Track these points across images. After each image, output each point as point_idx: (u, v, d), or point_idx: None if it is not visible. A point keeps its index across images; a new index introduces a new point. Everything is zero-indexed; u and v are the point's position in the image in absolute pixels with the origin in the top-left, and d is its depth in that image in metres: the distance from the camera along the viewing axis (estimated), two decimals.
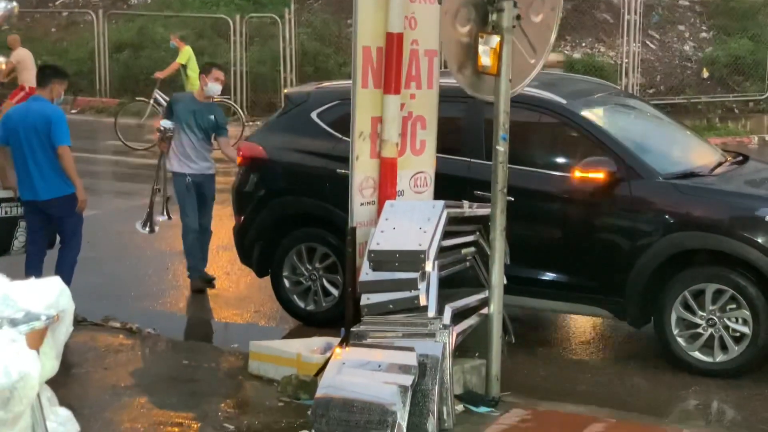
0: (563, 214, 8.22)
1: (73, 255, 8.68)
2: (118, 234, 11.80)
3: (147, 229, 10.21)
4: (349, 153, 8.14)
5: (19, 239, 8.77)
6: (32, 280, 2.86)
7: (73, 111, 23.34)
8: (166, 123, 10.03)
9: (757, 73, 21.10)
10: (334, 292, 8.80)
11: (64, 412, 3.03)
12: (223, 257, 10.91)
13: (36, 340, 2.66)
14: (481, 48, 6.45)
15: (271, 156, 9.18)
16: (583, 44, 21.84)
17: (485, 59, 6.45)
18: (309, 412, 6.38)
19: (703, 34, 22.53)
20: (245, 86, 22.77)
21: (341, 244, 8.46)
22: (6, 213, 8.73)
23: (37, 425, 2.65)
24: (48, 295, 2.76)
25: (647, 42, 21.74)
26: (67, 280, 7.84)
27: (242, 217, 9.36)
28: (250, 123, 21.76)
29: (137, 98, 20.87)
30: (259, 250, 9.20)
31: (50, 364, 2.87)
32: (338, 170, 8.54)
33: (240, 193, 9.40)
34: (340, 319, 8.28)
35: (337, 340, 7.26)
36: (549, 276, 8.19)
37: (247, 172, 9.35)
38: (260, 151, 9.27)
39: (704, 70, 21.44)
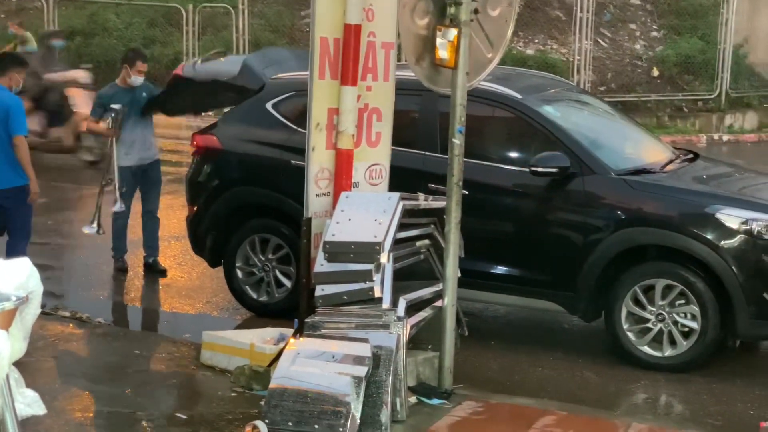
0: (516, 209, 8.27)
1: (22, 245, 8.58)
2: (67, 223, 11.72)
3: (95, 229, 10.10)
4: (303, 144, 8.17)
5: None
6: (1, 261, 2.85)
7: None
8: (115, 105, 9.95)
9: (707, 73, 21.33)
10: (287, 283, 8.79)
11: (31, 393, 3.03)
12: (175, 247, 10.86)
13: (5, 320, 2.65)
14: (438, 41, 6.47)
15: (226, 146, 9.15)
16: (536, 41, 21.95)
17: (443, 52, 6.46)
18: (262, 402, 6.37)
19: (654, 33, 22.73)
20: None
21: (295, 235, 8.48)
22: None
23: (5, 405, 2.64)
24: (17, 276, 2.75)
25: (599, 40, 21.90)
26: None
27: (195, 207, 9.32)
28: (202, 114, 21.64)
29: None
30: (212, 241, 9.17)
31: (18, 345, 2.86)
32: (293, 161, 8.55)
33: (193, 183, 9.35)
34: (292, 310, 8.27)
35: (291, 331, 7.24)
36: (502, 270, 8.23)
37: (201, 161, 9.31)
38: (214, 141, 9.23)
39: (654, 68, 21.64)
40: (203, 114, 14.59)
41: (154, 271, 10.07)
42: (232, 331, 7.94)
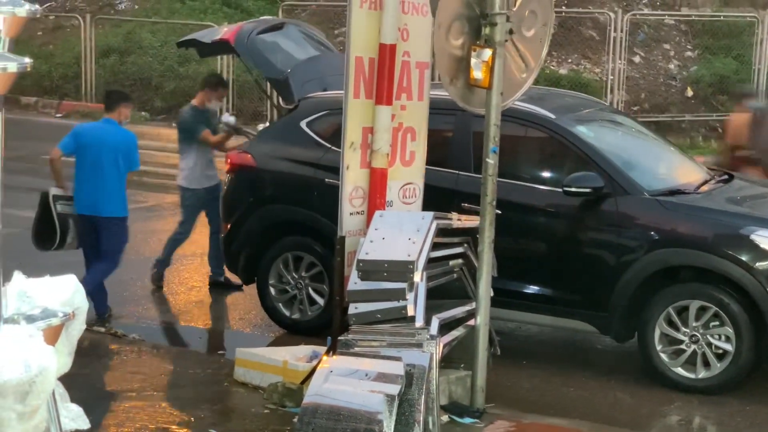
0: (549, 228, 8.27)
1: (109, 269, 9.11)
2: None
3: None
4: (337, 163, 8.22)
5: (71, 235, 9.06)
6: (48, 277, 2.90)
7: (58, 115, 23.32)
8: (228, 118, 10.13)
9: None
10: (320, 301, 8.83)
11: (76, 408, 3.08)
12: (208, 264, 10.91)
13: (52, 336, 2.69)
14: (473, 61, 6.50)
15: (260, 164, 9.21)
16: (569, 60, 21.94)
17: (477, 72, 6.50)
18: (295, 420, 6.38)
19: (688, 53, 22.66)
20: (231, 94, 22.76)
21: (328, 253, 8.53)
22: (62, 210, 9.01)
23: (51, 420, 2.68)
24: (63, 292, 2.79)
25: (632, 60, 21.86)
26: (91, 286, 8.48)
27: (230, 225, 9.39)
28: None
29: None
30: (245, 258, 9.23)
31: (64, 361, 2.91)
32: (327, 180, 8.60)
33: (228, 200, 9.43)
34: (325, 328, 8.33)
35: (323, 348, 7.29)
36: (534, 289, 8.24)
37: (235, 179, 9.38)
38: (249, 159, 9.30)
39: (689, 88, 21.57)
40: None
41: (228, 287, 10.12)
42: (266, 348, 7.97)
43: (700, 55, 22.57)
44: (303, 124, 9.11)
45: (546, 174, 8.53)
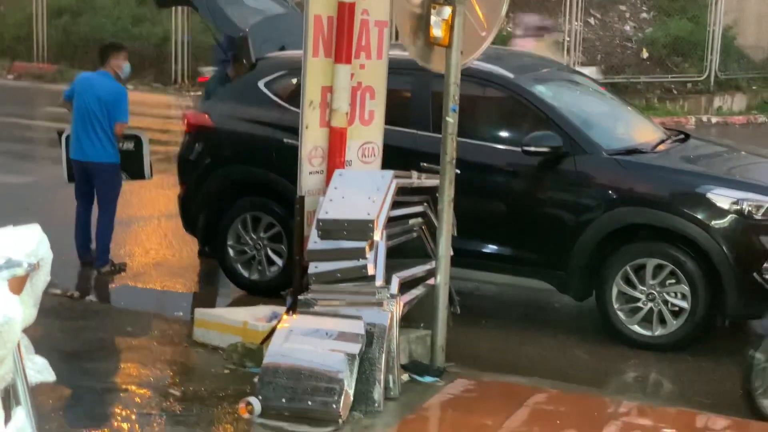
0: (508, 188, 8.29)
1: (111, 218, 9.38)
2: (57, 201, 11.65)
3: None
4: (296, 123, 8.16)
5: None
6: (11, 227, 2.86)
7: (10, 76, 23.03)
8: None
9: (696, 55, 21.35)
10: (279, 261, 8.81)
11: (41, 360, 3.05)
12: (165, 226, 10.85)
13: (16, 287, 2.66)
14: (433, 19, 6.47)
15: (218, 124, 9.15)
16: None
17: (437, 30, 6.47)
18: (255, 380, 6.39)
19: (644, 15, 22.74)
20: (186, 56, 22.59)
21: (286, 213, 8.50)
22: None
23: (16, 372, 2.66)
24: (28, 242, 2.75)
25: (588, 21, 21.90)
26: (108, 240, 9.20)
27: (186, 186, 9.33)
28: (191, 93, 21.65)
29: None
30: (203, 219, 9.17)
31: (29, 312, 2.87)
32: (285, 140, 8.55)
33: (185, 161, 9.35)
34: (284, 288, 8.30)
35: (283, 308, 7.26)
36: (493, 249, 8.27)
37: (192, 140, 9.31)
38: (206, 119, 9.24)
39: (644, 50, 21.66)
40: None
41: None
42: (225, 309, 7.96)
43: (656, 16, 22.66)
44: (261, 84, 9.05)
45: (505, 133, 8.54)
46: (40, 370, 3.17)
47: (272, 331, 6.85)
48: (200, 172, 9.18)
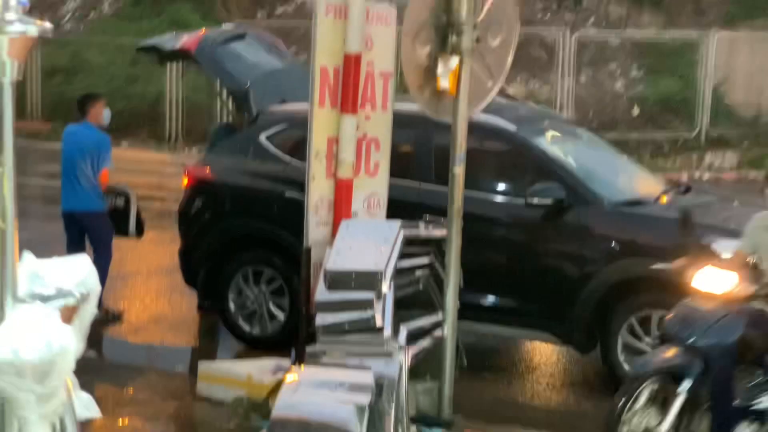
0: (511, 240, 8.27)
1: (107, 261, 9.33)
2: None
3: None
4: (297, 176, 8.17)
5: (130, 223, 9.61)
6: (60, 258, 2.82)
7: None
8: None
9: (686, 111, 21.46)
10: (280, 315, 8.75)
11: (86, 396, 2.99)
12: (163, 281, 10.78)
13: (67, 317, 2.62)
14: (440, 70, 6.49)
15: (219, 178, 9.14)
16: (518, 78, 22.06)
17: (444, 81, 6.48)
18: None
19: (634, 73, 22.89)
20: (180, 114, 22.64)
21: (288, 267, 8.47)
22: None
23: (66, 406, 2.60)
24: (77, 273, 2.72)
25: (580, 79, 22.04)
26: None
27: (187, 239, 9.28)
28: (185, 150, 21.66)
29: None
30: (204, 273, 9.11)
31: (77, 345, 2.81)
32: (287, 193, 8.56)
33: (186, 215, 9.32)
34: (285, 342, 8.26)
35: (287, 361, 7.22)
36: (498, 301, 8.23)
37: (193, 193, 9.29)
38: (207, 173, 9.22)
39: (635, 107, 21.78)
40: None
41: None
42: (229, 362, 7.89)
43: (646, 74, 22.81)
44: (262, 137, 9.06)
45: (508, 185, 8.53)
46: (86, 405, 3.12)
47: (278, 384, 6.78)
48: (201, 225, 9.15)
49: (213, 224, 9.08)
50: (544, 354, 9.01)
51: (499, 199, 8.39)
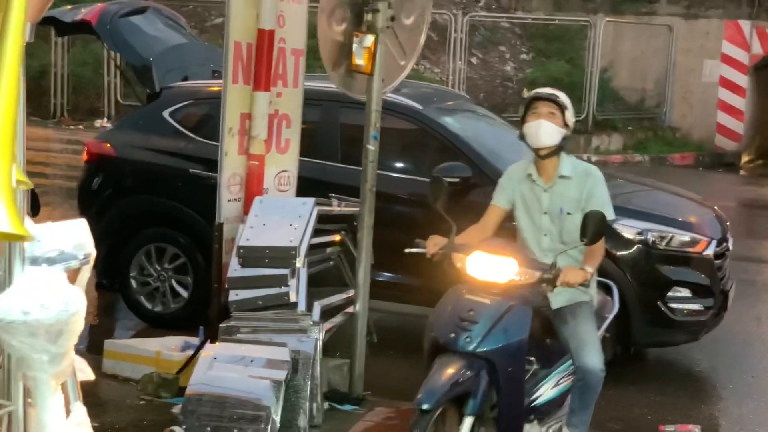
0: (418, 218, 8.33)
1: None
2: None
3: None
4: (201, 153, 8.11)
5: None
6: (56, 222, 2.79)
7: None
8: None
9: (574, 95, 21.81)
10: (184, 293, 8.68)
11: (80, 359, 2.97)
12: None
13: (71, 279, 2.58)
14: (355, 47, 6.51)
15: (120, 154, 9.00)
16: None
17: (359, 58, 6.51)
18: (174, 410, 6.30)
19: (523, 56, 23.24)
20: (66, 89, 22.18)
21: (192, 244, 8.41)
22: None
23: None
24: (75, 236, 2.68)
25: (471, 61, 22.27)
26: None
27: (86, 216, 9.08)
28: (71, 127, 21.25)
29: None
30: (105, 251, 8.97)
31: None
32: (191, 170, 8.49)
33: (86, 191, 9.16)
34: (189, 320, 8.22)
35: (194, 339, 7.18)
36: (404, 279, 8.28)
37: (93, 170, 9.14)
38: (108, 149, 9.08)
39: (524, 90, 22.09)
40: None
41: None
42: (136, 340, 7.79)
43: (535, 57, 23.17)
44: (166, 113, 8.95)
45: (414, 164, 8.59)
46: (81, 367, 3.09)
47: (188, 360, 6.76)
48: (102, 202, 9.01)
49: (114, 201, 8.95)
50: None
51: (406, 177, 8.43)
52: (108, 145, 9.11)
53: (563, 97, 5.58)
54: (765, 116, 23.84)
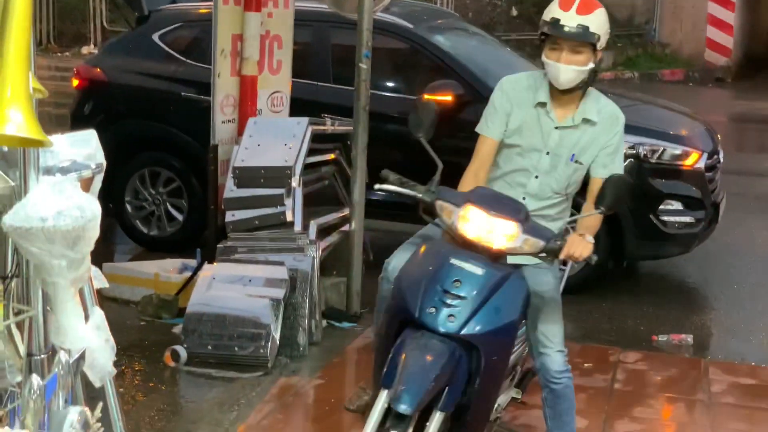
0: (409, 137, 8.34)
1: None
2: None
3: None
4: (193, 76, 8.10)
5: None
6: (67, 134, 2.84)
7: None
8: None
9: None
10: (179, 216, 8.72)
11: (94, 267, 3.04)
12: None
13: (85, 189, 2.64)
14: None
15: (111, 78, 8.98)
16: None
17: None
18: (174, 330, 6.39)
19: None
20: (51, 15, 21.98)
21: (186, 167, 8.44)
22: None
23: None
24: (86, 147, 2.73)
25: None
26: None
27: None
28: (58, 54, 21.11)
29: None
30: None
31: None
32: (183, 93, 8.48)
33: (78, 117, 9.13)
34: (184, 243, 8.27)
35: (192, 261, 7.24)
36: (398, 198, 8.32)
37: (84, 95, 9.12)
38: (99, 74, 9.05)
39: (513, 8, 21.99)
40: None
41: None
42: (134, 263, 7.85)
43: None
44: (155, 37, 8.91)
45: (406, 83, 8.60)
46: (96, 275, 3.16)
47: (187, 281, 6.84)
48: (94, 127, 8.93)
49: (107, 126, 8.90)
50: None
51: (397, 96, 8.44)
52: (98, 69, 9.08)
53: (596, 26, 4.31)
54: (754, 30, 23.77)
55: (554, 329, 4.60)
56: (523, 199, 4.52)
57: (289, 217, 6.40)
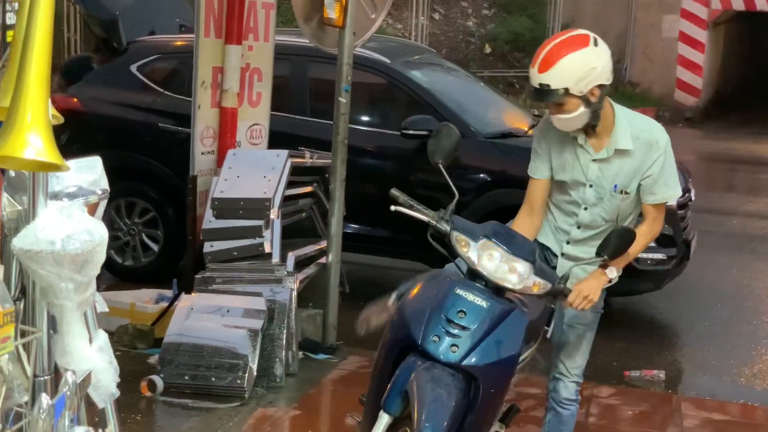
0: (387, 171, 8.43)
1: None
2: None
3: None
4: (170, 107, 8.15)
5: None
6: (73, 159, 2.87)
7: None
8: None
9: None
10: (154, 247, 8.74)
11: (97, 292, 3.06)
12: None
13: (91, 214, 2.67)
14: (327, 1, 6.55)
15: (88, 108, 9.00)
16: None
17: (331, 11, 6.55)
18: (150, 360, 6.38)
19: (485, 11, 23.29)
20: None
21: (162, 198, 8.46)
22: None
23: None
24: (92, 173, 2.76)
25: (433, 16, 22.31)
26: None
27: None
28: None
29: None
30: None
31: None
32: (160, 124, 8.52)
33: None
34: (159, 274, 8.27)
35: (168, 291, 7.25)
36: (372, 231, 8.39)
37: (61, 125, 9.09)
38: (75, 104, 9.07)
39: (486, 45, 22.19)
40: None
41: None
42: (109, 292, 7.83)
43: (497, 13, 23.25)
44: (133, 68, 8.95)
45: (383, 118, 8.68)
46: (98, 300, 3.18)
47: (164, 312, 6.85)
48: (69, 158, 8.99)
49: (83, 156, 8.94)
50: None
51: (375, 130, 8.51)
52: (75, 99, 9.10)
53: (558, 81, 4.37)
54: (724, 71, 24.09)
55: (578, 361, 4.83)
56: (578, 228, 4.68)
57: (267, 249, 6.43)
